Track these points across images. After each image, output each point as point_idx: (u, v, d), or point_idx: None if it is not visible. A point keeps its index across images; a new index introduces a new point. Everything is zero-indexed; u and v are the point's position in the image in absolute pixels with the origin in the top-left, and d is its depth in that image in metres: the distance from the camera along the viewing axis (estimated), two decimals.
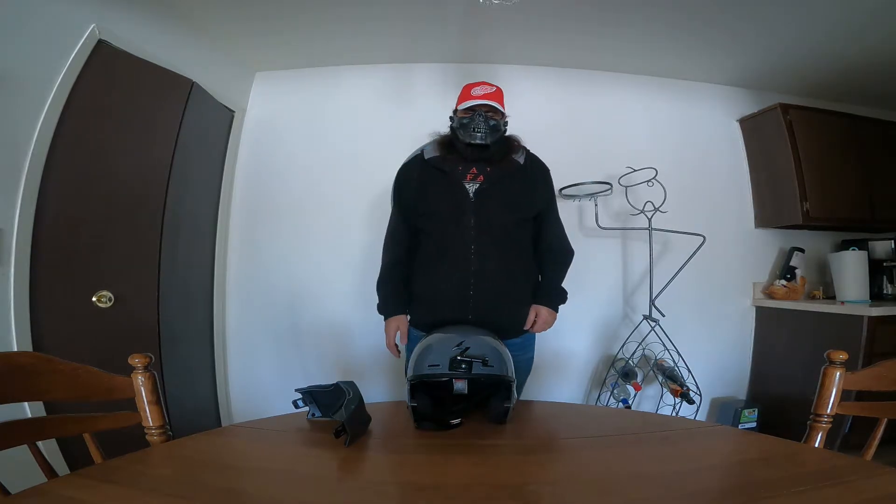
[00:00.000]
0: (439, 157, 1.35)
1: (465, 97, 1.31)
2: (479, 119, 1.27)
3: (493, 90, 1.32)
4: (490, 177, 1.30)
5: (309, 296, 2.37)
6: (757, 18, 1.98)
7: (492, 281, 1.27)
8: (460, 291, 1.27)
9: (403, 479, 0.69)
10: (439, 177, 1.33)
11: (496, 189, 1.30)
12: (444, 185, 1.31)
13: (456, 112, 1.34)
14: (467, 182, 1.30)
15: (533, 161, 1.42)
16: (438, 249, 1.31)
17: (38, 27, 1.41)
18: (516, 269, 1.33)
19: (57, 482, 0.67)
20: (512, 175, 1.33)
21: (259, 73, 2.51)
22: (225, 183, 2.39)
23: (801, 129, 2.45)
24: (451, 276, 1.28)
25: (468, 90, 1.32)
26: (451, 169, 1.32)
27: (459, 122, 1.31)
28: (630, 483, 0.68)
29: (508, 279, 1.30)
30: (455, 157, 1.33)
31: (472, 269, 1.27)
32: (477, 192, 1.29)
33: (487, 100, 1.28)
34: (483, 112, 1.28)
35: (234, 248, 2.43)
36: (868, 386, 0.90)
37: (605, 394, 2.33)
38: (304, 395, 0.92)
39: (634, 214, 2.32)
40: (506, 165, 1.33)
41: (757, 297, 2.63)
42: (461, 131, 1.30)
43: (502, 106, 1.32)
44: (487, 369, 0.90)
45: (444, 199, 1.30)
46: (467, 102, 1.30)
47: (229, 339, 2.41)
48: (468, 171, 1.31)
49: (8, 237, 1.38)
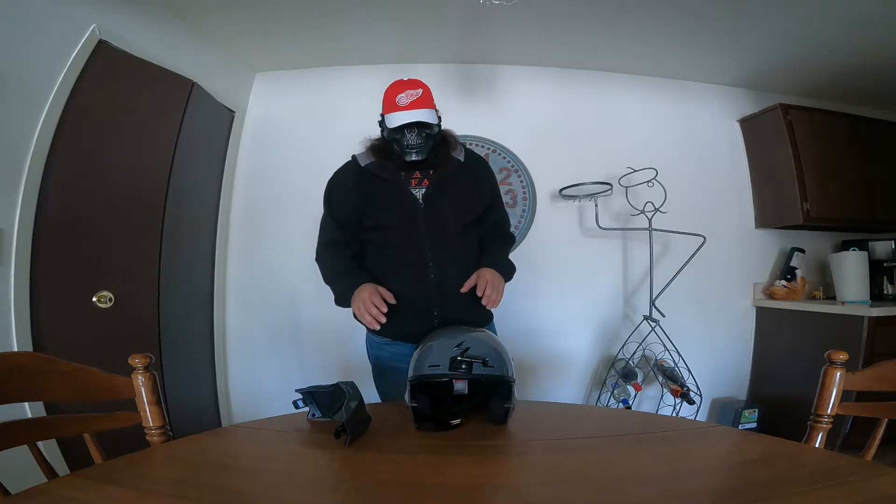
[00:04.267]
0: (376, 163, 1.26)
1: (391, 106, 1.20)
2: (412, 135, 1.19)
3: (420, 93, 1.19)
4: (434, 180, 1.24)
5: (309, 296, 2.37)
6: (757, 18, 1.98)
7: (453, 287, 1.22)
8: (424, 301, 1.22)
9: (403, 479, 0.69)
10: (381, 185, 1.25)
11: (442, 193, 1.24)
12: (390, 194, 1.24)
13: (383, 123, 1.25)
14: (413, 188, 1.24)
15: (471, 157, 1.35)
16: (392, 260, 1.25)
17: (38, 27, 1.41)
18: (473, 269, 1.25)
19: (57, 482, 0.67)
20: (455, 175, 1.27)
21: (259, 74, 2.52)
22: (225, 183, 2.39)
23: (801, 129, 2.45)
24: (411, 286, 1.21)
25: (392, 97, 1.19)
26: (392, 176, 1.24)
27: (391, 137, 1.22)
28: (630, 483, 0.68)
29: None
30: (392, 164, 1.25)
31: (432, 278, 1.22)
32: (425, 198, 1.23)
33: (415, 109, 1.17)
34: (415, 128, 1.19)
35: (235, 248, 2.43)
36: (868, 386, 0.90)
37: (605, 394, 2.33)
38: (304, 396, 0.92)
39: (634, 215, 2.32)
40: (448, 167, 1.26)
41: (757, 298, 2.63)
42: (395, 146, 1.22)
43: (433, 108, 1.22)
44: (487, 369, 0.90)
45: (394, 208, 1.23)
46: (395, 117, 1.18)
47: (229, 339, 2.41)
48: (411, 176, 1.25)
49: (8, 237, 1.38)
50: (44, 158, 1.47)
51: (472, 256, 1.30)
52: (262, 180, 2.46)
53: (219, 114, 2.29)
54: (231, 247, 2.43)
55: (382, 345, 1.33)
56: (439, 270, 1.23)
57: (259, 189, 2.46)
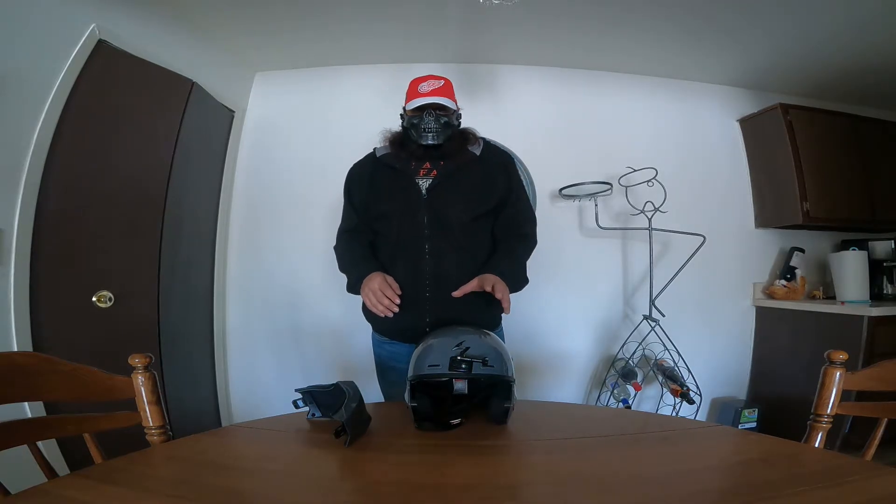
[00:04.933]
0: (391, 154, 1.29)
1: (413, 94, 1.25)
2: (430, 119, 1.21)
3: (442, 84, 1.25)
4: (443, 171, 1.24)
5: (309, 295, 2.38)
6: (757, 18, 1.98)
7: (449, 282, 1.18)
8: (417, 293, 1.20)
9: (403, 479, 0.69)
10: (391, 174, 1.27)
11: (449, 183, 1.23)
12: (397, 183, 1.25)
13: (405, 111, 1.29)
14: (420, 178, 1.24)
15: (491, 151, 1.33)
16: (393, 250, 1.25)
17: (38, 27, 1.41)
18: (475, 268, 1.21)
19: (57, 482, 0.67)
20: (467, 167, 1.26)
21: (259, 73, 2.51)
22: (225, 183, 2.39)
23: (801, 129, 2.45)
24: (406, 277, 1.20)
25: (415, 86, 1.25)
26: (403, 166, 1.26)
27: (409, 122, 1.25)
28: (630, 483, 0.68)
29: (466, 279, 1.18)
30: (408, 154, 1.26)
31: (427, 270, 1.20)
32: (429, 189, 1.22)
33: (436, 96, 1.22)
34: (433, 111, 1.22)
35: (235, 248, 2.43)
36: (868, 386, 0.90)
37: (605, 394, 2.33)
38: (304, 395, 0.92)
39: (634, 214, 2.32)
40: (460, 158, 1.26)
41: (757, 297, 2.63)
42: (412, 131, 1.24)
43: (453, 100, 1.26)
44: (487, 369, 0.90)
45: (397, 197, 1.24)
46: (415, 101, 1.23)
47: (229, 339, 2.42)
48: (421, 166, 1.25)
49: (8, 237, 1.38)
50: (43, 158, 1.47)
51: (478, 252, 1.26)
52: (262, 180, 2.46)
53: (218, 113, 2.29)
54: (231, 246, 2.43)
55: (382, 343, 1.33)
56: (435, 262, 1.21)
57: (259, 188, 2.46)
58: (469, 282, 1.15)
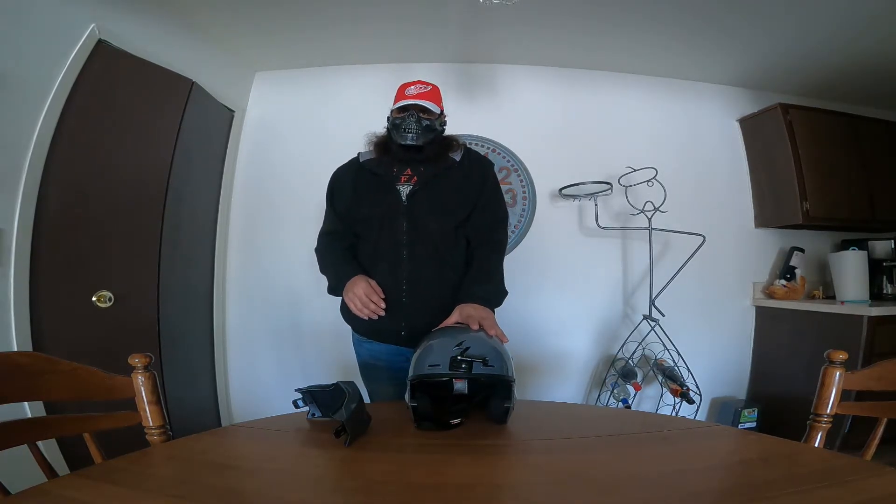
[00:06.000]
0: (374, 159, 1.30)
1: (400, 97, 1.27)
2: (411, 120, 1.22)
3: (429, 89, 1.27)
4: (423, 178, 1.25)
5: (309, 295, 2.37)
6: (757, 18, 1.98)
7: (425, 287, 1.21)
8: (394, 297, 1.21)
9: (403, 479, 0.69)
10: (373, 180, 1.28)
11: (429, 189, 1.24)
12: (378, 189, 1.26)
13: (391, 112, 1.30)
14: (401, 185, 1.25)
15: (471, 157, 1.33)
16: (373, 255, 1.26)
17: (38, 27, 1.41)
18: (453, 275, 1.24)
19: (57, 482, 0.67)
20: (446, 174, 1.26)
21: (259, 73, 2.52)
22: (225, 183, 2.39)
23: (801, 129, 2.45)
24: (384, 281, 1.21)
25: (403, 89, 1.27)
26: (384, 172, 1.27)
27: (392, 123, 1.27)
28: (630, 483, 0.68)
29: (442, 285, 1.22)
30: (390, 160, 1.28)
31: (404, 275, 1.21)
32: (409, 195, 1.23)
33: (421, 99, 1.24)
34: (416, 112, 1.23)
35: (234, 248, 2.43)
36: (868, 386, 0.90)
37: (605, 394, 2.33)
38: (304, 395, 0.92)
39: (634, 214, 2.32)
40: (440, 164, 1.27)
41: (757, 297, 2.63)
42: (394, 132, 1.25)
43: (439, 105, 1.27)
44: (487, 369, 0.90)
45: (378, 203, 1.25)
46: (400, 102, 1.25)
47: (229, 339, 2.42)
48: (402, 172, 1.26)
49: (8, 237, 1.38)
50: (43, 158, 1.47)
51: (456, 259, 1.27)
52: (261, 179, 2.46)
53: (218, 113, 2.29)
54: (231, 246, 2.43)
55: (362, 342, 1.34)
56: (412, 268, 1.22)
57: (259, 188, 2.46)
58: (449, 316, 1.10)
